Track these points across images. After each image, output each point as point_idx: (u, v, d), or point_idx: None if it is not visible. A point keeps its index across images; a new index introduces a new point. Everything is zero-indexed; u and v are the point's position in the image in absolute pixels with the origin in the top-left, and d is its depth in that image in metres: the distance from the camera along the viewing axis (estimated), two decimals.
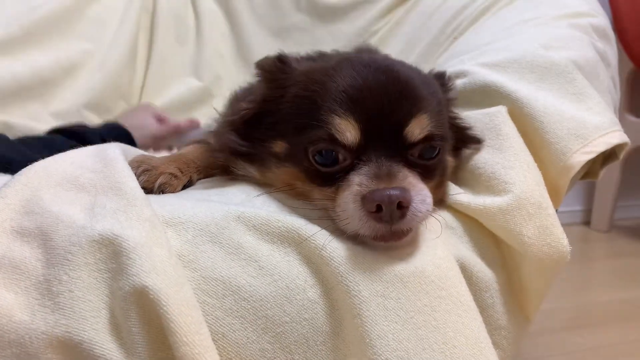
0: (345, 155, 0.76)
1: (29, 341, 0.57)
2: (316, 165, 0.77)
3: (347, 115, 0.75)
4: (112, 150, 0.79)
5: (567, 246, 0.83)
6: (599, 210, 3.00)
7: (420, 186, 0.74)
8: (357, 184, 0.73)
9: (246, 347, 0.64)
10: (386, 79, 0.78)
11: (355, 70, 0.79)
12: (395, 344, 0.66)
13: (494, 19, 1.34)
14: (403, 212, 0.70)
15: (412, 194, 0.71)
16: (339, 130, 0.75)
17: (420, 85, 0.81)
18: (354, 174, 0.74)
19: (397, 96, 0.77)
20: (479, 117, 0.94)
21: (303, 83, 0.82)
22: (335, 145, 0.76)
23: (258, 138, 0.84)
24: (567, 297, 2.03)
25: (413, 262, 0.72)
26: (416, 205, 0.71)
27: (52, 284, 0.60)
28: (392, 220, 0.70)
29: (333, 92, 0.77)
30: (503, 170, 0.84)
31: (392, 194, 0.69)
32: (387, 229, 0.71)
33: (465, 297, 0.74)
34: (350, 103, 0.76)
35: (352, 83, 0.77)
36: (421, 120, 0.77)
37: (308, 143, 0.77)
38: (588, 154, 0.91)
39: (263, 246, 0.69)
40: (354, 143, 0.75)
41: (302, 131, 0.78)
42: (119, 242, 0.62)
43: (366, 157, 0.75)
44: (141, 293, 0.59)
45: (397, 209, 0.69)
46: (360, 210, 0.71)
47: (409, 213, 0.70)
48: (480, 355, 0.70)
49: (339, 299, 0.68)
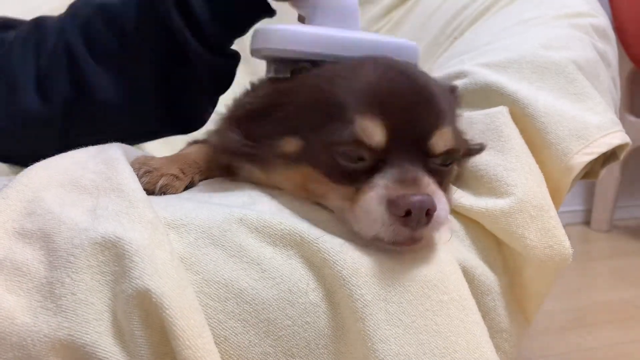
0: (369, 156, 0.75)
1: (31, 344, 0.57)
2: (340, 163, 0.75)
3: (375, 117, 0.74)
4: (114, 151, 0.79)
5: (569, 248, 0.83)
6: (599, 210, 3.00)
7: (440, 193, 0.74)
8: (383, 187, 0.72)
9: (248, 351, 0.64)
10: (413, 86, 0.78)
11: (380, 70, 0.79)
12: (397, 349, 0.66)
13: (494, 19, 1.34)
14: (429, 219, 0.70)
15: (435, 200, 0.71)
16: (366, 132, 0.74)
17: (442, 96, 0.81)
18: (379, 176, 0.74)
19: (424, 105, 0.77)
20: (479, 118, 0.94)
21: (323, 77, 0.80)
22: (361, 146, 0.75)
23: (264, 136, 0.82)
24: (567, 297, 2.03)
25: (416, 266, 0.72)
26: (439, 212, 0.71)
27: (55, 287, 0.60)
28: (419, 225, 0.70)
29: (360, 90, 0.76)
30: (505, 173, 0.84)
31: (424, 200, 0.69)
32: (409, 234, 0.71)
33: (468, 302, 0.74)
34: (378, 105, 0.75)
35: (380, 85, 0.77)
36: (445, 134, 0.77)
37: (331, 141, 0.75)
38: (589, 154, 0.91)
39: (265, 249, 0.69)
40: (379, 145, 0.74)
41: (322, 128, 0.76)
42: (121, 245, 0.62)
43: (390, 160, 0.74)
44: (144, 296, 0.59)
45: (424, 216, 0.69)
46: (384, 213, 0.70)
47: (435, 220, 0.71)
48: (481, 359, 0.70)
49: (341, 303, 0.68)
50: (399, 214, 0.69)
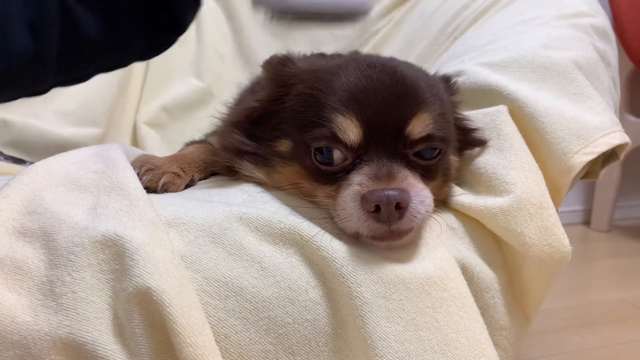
0: (347, 154, 0.77)
1: (32, 342, 0.58)
2: (317, 163, 0.78)
3: (349, 114, 0.76)
4: (114, 151, 0.79)
5: (568, 246, 0.83)
6: (599, 210, 3.00)
7: (420, 187, 0.75)
8: (357, 184, 0.73)
9: (249, 348, 0.65)
10: (390, 80, 0.79)
11: (360, 70, 0.80)
12: (397, 346, 0.66)
13: (494, 19, 1.35)
14: (401, 213, 0.70)
15: (411, 194, 0.72)
16: (341, 129, 0.75)
17: (424, 86, 0.81)
18: (355, 173, 0.75)
19: (400, 96, 0.78)
20: (479, 117, 0.94)
21: (308, 81, 0.82)
22: (337, 143, 0.76)
23: (263, 138, 0.85)
24: (567, 297, 2.03)
25: (415, 263, 0.72)
26: (415, 205, 0.72)
27: (55, 285, 0.60)
28: (390, 220, 0.70)
29: (337, 90, 0.78)
30: (504, 171, 0.85)
31: (391, 194, 0.70)
32: (385, 228, 0.71)
33: (467, 299, 0.74)
34: (353, 102, 0.76)
35: (356, 83, 0.78)
36: (422, 119, 0.77)
37: (311, 140, 0.78)
38: (589, 154, 0.91)
39: (265, 247, 0.70)
40: (355, 142, 0.76)
41: (306, 129, 0.78)
42: (122, 243, 0.62)
43: (367, 156, 0.76)
44: (144, 294, 0.59)
45: (395, 210, 0.70)
46: (359, 209, 0.71)
47: (407, 213, 0.71)
48: (481, 356, 0.70)
49: (341, 300, 0.68)
50: (370, 210, 0.70)
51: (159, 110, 1.91)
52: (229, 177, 0.89)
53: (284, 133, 0.83)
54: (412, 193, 0.72)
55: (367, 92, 0.77)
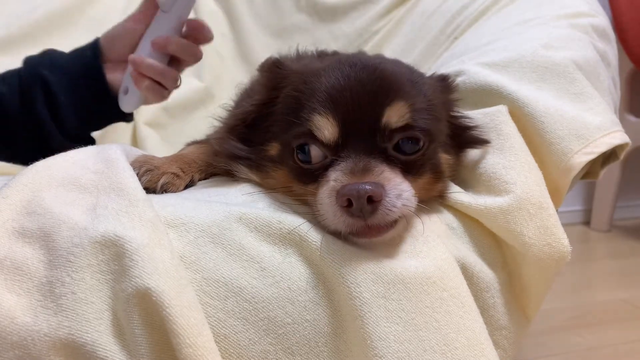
0: (325, 152, 0.77)
1: (32, 343, 0.57)
2: (299, 162, 0.79)
3: (325, 113, 0.76)
4: (114, 151, 0.79)
5: (568, 246, 0.83)
6: (599, 210, 3.00)
7: (397, 180, 0.74)
8: (333, 180, 0.73)
9: (248, 349, 0.64)
10: (368, 77, 0.79)
11: (340, 70, 0.80)
12: (397, 346, 0.66)
13: (494, 19, 1.34)
14: (374, 207, 0.69)
15: (386, 188, 0.71)
16: (317, 128, 0.76)
17: (403, 80, 0.82)
18: (332, 170, 0.75)
19: (376, 91, 0.78)
20: (479, 117, 0.94)
21: (294, 84, 0.83)
22: (315, 142, 0.77)
23: (256, 142, 0.86)
24: (567, 297, 2.03)
25: (414, 263, 0.72)
26: (390, 199, 0.70)
27: (55, 286, 0.60)
28: (364, 214, 0.69)
29: (316, 91, 0.79)
30: (504, 171, 0.84)
31: (361, 188, 0.69)
32: (361, 224, 0.71)
33: (467, 298, 0.74)
34: (329, 101, 0.77)
35: (334, 82, 0.79)
36: (397, 108, 0.77)
37: (292, 139, 0.79)
38: (589, 154, 0.91)
39: (265, 247, 0.70)
40: (332, 140, 0.76)
41: (289, 129, 0.79)
42: (121, 244, 0.62)
43: (345, 153, 0.76)
44: (144, 295, 0.59)
45: (368, 203, 0.69)
46: (335, 205, 0.71)
47: (381, 207, 0.70)
48: (481, 356, 0.70)
49: (340, 301, 0.68)
50: (343, 204, 0.70)
51: (159, 110, 1.91)
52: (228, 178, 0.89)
53: (273, 136, 0.84)
54: (387, 187, 0.71)
55: (343, 91, 0.78)
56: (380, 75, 0.80)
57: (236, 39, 2.07)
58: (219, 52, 2.03)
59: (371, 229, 0.71)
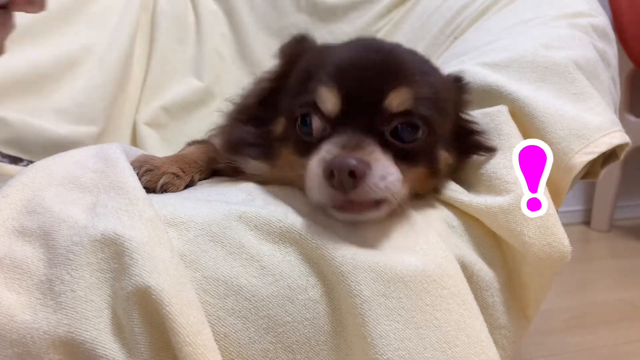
0: (325, 125, 0.78)
1: (31, 341, 0.57)
2: (300, 133, 0.80)
3: (331, 86, 0.77)
4: (113, 151, 0.79)
5: (568, 246, 0.83)
6: (599, 210, 3.00)
7: (386, 163, 0.75)
8: (325, 151, 0.74)
9: (248, 347, 0.64)
10: (380, 58, 0.80)
11: (355, 49, 0.83)
12: (397, 344, 0.66)
13: (494, 19, 1.34)
14: (356, 182, 0.70)
15: (372, 167, 0.71)
16: (321, 99, 0.77)
17: (414, 67, 0.83)
18: (326, 142, 0.76)
19: (385, 73, 0.79)
20: (479, 117, 0.94)
21: (309, 58, 0.85)
22: (317, 113, 0.78)
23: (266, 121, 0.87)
24: (567, 297, 2.03)
25: (414, 261, 0.72)
26: (374, 179, 0.71)
27: (54, 284, 0.60)
28: (344, 187, 0.70)
29: (326, 65, 0.80)
30: (504, 170, 0.84)
31: (345, 161, 0.70)
32: (342, 197, 0.71)
33: (467, 296, 0.74)
34: (336, 75, 0.78)
35: (344, 58, 0.81)
36: (402, 93, 0.78)
37: (296, 109, 0.80)
38: (589, 154, 0.91)
39: (264, 246, 0.70)
40: (333, 112, 0.77)
41: (295, 100, 0.81)
42: (121, 242, 0.62)
43: (343, 129, 0.76)
44: (144, 293, 0.59)
45: (350, 178, 0.69)
46: (321, 176, 0.72)
47: (363, 184, 0.70)
48: (481, 353, 0.71)
49: (340, 299, 0.68)
50: (326, 175, 0.71)
51: (159, 110, 1.91)
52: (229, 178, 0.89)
53: (281, 111, 0.85)
54: (373, 166, 0.72)
55: (352, 68, 0.79)
56: (392, 59, 0.81)
57: (236, 39, 2.06)
58: (219, 52, 2.03)
59: (352, 204, 0.73)
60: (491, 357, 0.72)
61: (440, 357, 0.68)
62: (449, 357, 0.69)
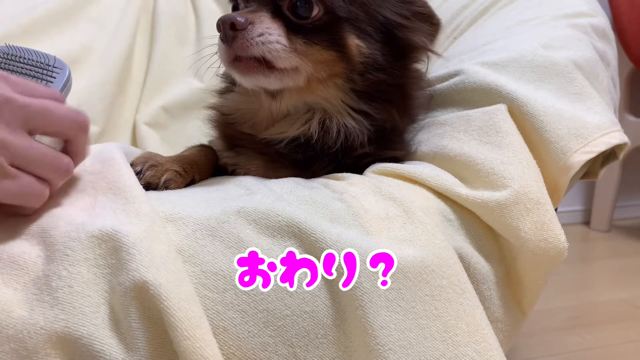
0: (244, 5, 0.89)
1: (28, 336, 0.57)
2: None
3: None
4: (110, 150, 0.79)
5: (565, 242, 0.83)
6: (598, 210, 3.00)
7: (270, 25, 0.83)
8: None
9: (247, 341, 0.64)
10: None
11: None
12: (398, 334, 0.67)
13: (494, 19, 1.34)
14: (235, 34, 0.81)
15: (254, 24, 0.81)
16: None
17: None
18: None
19: None
20: (478, 115, 0.94)
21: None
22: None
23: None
24: (567, 297, 2.03)
25: (413, 252, 0.72)
26: (252, 33, 0.81)
27: (51, 279, 0.60)
28: (227, 39, 0.81)
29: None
30: (502, 166, 0.85)
31: (229, 15, 0.81)
32: (229, 50, 0.83)
33: (466, 285, 0.74)
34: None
35: None
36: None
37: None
38: (588, 153, 0.91)
39: (263, 240, 0.70)
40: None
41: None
42: (118, 238, 0.62)
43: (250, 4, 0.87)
44: (141, 288, 0.59)
45: (230, 30, 0.80)
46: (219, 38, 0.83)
47: (241, 37, 0.81)
48: (482, 341, 0.71)
49: (339, 291, 0.68)
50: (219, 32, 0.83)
51: (159, 110, 1.91)
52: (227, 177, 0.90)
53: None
54: (255, 24, 0.81)
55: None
56: None
57: None
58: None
59: (241, 62, 0.84)
60: (492, 345, 0.72)
61: (440, 346, 0.68)
62: (450, 346, 0.69)
